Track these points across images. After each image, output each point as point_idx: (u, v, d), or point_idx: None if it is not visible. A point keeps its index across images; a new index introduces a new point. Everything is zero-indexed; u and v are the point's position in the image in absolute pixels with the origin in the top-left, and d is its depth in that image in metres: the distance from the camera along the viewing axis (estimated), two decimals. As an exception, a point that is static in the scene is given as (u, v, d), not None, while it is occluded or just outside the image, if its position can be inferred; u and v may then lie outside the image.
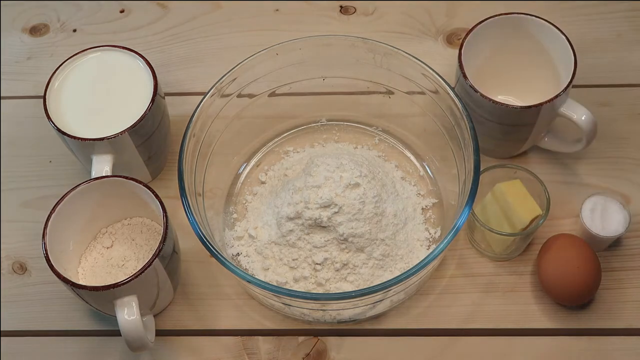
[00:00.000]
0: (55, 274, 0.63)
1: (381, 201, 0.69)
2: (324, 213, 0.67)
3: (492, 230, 0.68)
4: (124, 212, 0.71)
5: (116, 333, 0.65)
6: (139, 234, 0.71)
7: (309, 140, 0.80)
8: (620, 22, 0.86)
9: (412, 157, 0.78)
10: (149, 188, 0.66)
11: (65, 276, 0.63)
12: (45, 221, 0.65)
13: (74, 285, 0.62)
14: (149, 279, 0.63)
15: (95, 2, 0.92)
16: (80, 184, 0.67)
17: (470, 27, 0.74)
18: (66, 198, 0.66)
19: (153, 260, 0.63)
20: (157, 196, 0.66)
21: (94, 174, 0.69)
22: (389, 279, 0.64)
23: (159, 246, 0.63)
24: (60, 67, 0.73)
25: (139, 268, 0.62)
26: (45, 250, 0.64)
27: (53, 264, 0.63)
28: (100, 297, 0.63)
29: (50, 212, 0.66)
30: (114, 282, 0.62)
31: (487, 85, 0.72)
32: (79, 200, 0.67)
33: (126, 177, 0.67)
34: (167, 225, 0.64)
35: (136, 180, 0.67)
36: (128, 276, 0.62)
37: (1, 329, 0.71)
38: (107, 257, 0.70)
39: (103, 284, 0.62)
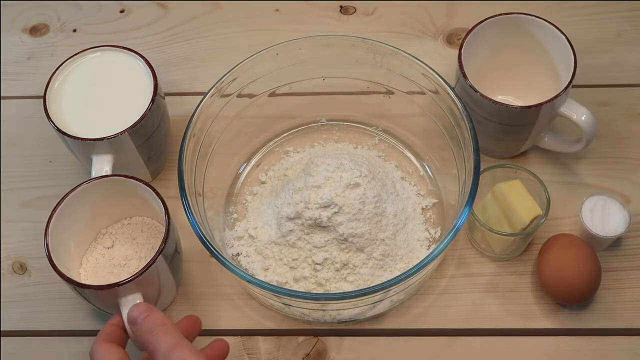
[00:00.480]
0: (59, 275, 0.63)
1: (381, 201, 0.69)
2: (324, 213, 0.67)
3: (492, 230, 0.68)
4: (123, 212, 0.71)
5: (116, 333, 0.65)
6: (139, 233, 0.71)
7: (309, 140, 0.80)
8: (620, 22, 0.86)
9: (412, 157, 0.78)
10: (149, 186, 0.66)
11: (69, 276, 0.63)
12: (47, 221, 0.65)
13: (78, 285, 0.62)
14: (152, 276, 0.63)
15: (95, 2, 0.92)
16: (81, 184, 0.67)
17: (470, 27, 0.74)
18: (67, 198, 0.66)
19: (157, 257, 0.63)
20: (157, 194, 0.66)
21: (94, 174, 0.69)
22: (389, 279, 0.64)
23: (162, 242, 0.63)
24: (60, 67, 0.73)
25: (142, 266, 0.63)
26: (48, 250, 0.64)
27: (56, 264, 0.63)
28: (105, 297, 0.63)
29: (52, 213, 0.65)
30: (117, 281, 0.62)
31: (487, 85, 0.72)
32: (79, 200, 0.67)
33: (126, 176, 0.67)
34: (169, 222, 0.64)
35: (136, 179, 0.67)
36: (131, 275, 0.62)
37: (1, 329, 0.71)
38: (108, 257, 0.70)
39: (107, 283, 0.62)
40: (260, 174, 0.77)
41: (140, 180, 0.67)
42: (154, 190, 0.66)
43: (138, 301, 0.62)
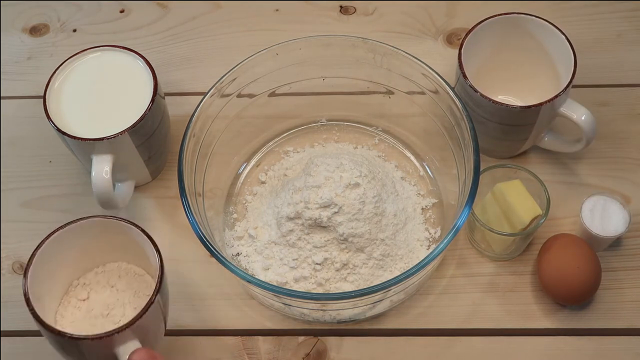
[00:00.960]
0: (47, 328, 0.57)
1: (381, 201, 0.69)
2: (324, 213, 0.67)
3: (492, 230, 0.68)
4: (95, 259, 0.67)
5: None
6: (117, 279, 0.67)
7: (309, 140, 0.80)
8: (620, 22, 0.86)
9: (412, 157, 0.78)
10: (127, 221, 0.63)
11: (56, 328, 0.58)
12: (24, 273, 0.60)
13: (72, 338, 0.56)
14: (152, 317, 0.59)
15: (95, 2, 0.92)
16: (55, 231, 0.62)
17: (470, 27, 0.74)
18: (43, 246, 0.61)
19: (156, 295, 0.59)
20: (139, 227, 0.62)
21: (93, 174, 0.69)
22: (389, 279, 0.64)
23: (158, 278, 0.59)
24: (60, 67, 0.73)
25: (128, 313, 0.59)
26: (31, 306, 0.58)
27: (41, 316, 0.58)
28: (100, 348, 0.57)
29: (28, 266, 0.60)
30: (113, 329, 0.57)
31: (487, 85, 0.72)
32: (55, 249, 0.62)
33: (103, 216, 0.63)
34: (160, 258, 0.61)
35: (114, 217, 0.63)
36: (118, 324, 0.58)
37: (1, 329, 0.71)
38: (86, 309, 0.65)
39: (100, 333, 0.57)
40: (260, 174, 0.77)
41: (120, 218, 0.63)
42: (134, 224, 0.62)
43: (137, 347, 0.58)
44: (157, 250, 0.61)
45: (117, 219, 0.63)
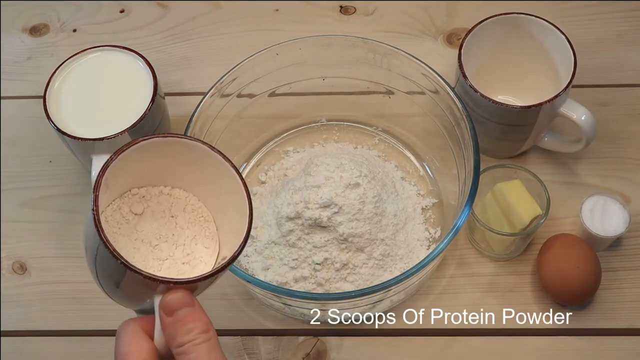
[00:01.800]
0: (105, 242, 0.46)
1: (381, 201, 0.69)
2: (324, 213, 0.67)
3: (492, 230, 0.68)
4: (164, 178, 0.54)
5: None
6: (181, 211, 0.54)
7: (309, 140, 0.80)
8: (620, 22, 0.86)
9: (412, 157, 0.78)
10: (226, 158, 0.53)
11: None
12: (101, 172, 0.48)
13: (133, 270, 0.46)
14: (211, 282, 0.50)
15: (95, 2, 0.92)
16: (135, 142, 0.50)
17: (470, 27, 0.74)
18: (125, 152, 0.49)
19: (239, 252, 0.49)
20: (244, 183, 0.52)
21: (93, 174, 0.69)
22: (389, 279, 0.64)
23: (243, 240, 0.50)
24: (60, 67, 0.73)
25: (178, 256, 0.52)
26: (96, 205, 0.47)
27: (103, 228, 0.46)
28: (142, 285, 0.47)
29: (109, 162, 0.49)
30: (171, 278, 0.47)
31: (487, 85, 0.72)
32: (135, 159, 0.50)
33: (217, 151, 0.53)
34: (251, 218, 0.51)
35: (226, 158, 0.53)
36: (162, 264, 0.51)
37: (1, 329, 0.71)
38: (134, 226, 0.53)
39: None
40: (260, 174, 0.77)
41: (232, 165, 0.53)
42: (234, 167, 0.52)
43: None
44: (250, 204, 0.51)
45: (220, 154, 0.53)
